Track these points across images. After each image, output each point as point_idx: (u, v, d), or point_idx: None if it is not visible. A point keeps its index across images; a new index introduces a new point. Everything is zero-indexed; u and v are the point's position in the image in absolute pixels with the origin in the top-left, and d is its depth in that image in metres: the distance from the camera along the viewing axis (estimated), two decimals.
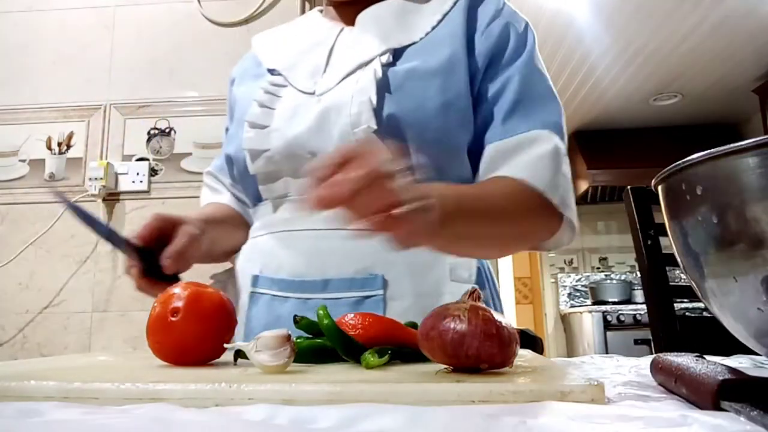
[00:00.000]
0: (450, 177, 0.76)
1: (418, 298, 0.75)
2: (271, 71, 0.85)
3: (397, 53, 0.78)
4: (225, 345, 0.52)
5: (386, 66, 0.76)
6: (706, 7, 2.81)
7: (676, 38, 3.11)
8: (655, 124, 4.34)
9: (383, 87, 0.74)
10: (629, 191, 1.22)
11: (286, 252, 0.78)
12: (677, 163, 0.43)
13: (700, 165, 0.41)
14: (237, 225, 0.90)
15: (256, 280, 0.79)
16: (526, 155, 0.73)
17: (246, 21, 1.89)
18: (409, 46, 0.79)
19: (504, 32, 0.81)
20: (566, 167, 0.76)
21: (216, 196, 0.96)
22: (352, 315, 0.56)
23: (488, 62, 0.79)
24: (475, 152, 0.78)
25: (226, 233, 0.87)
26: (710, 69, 3.48)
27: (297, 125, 0.76)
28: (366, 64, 0.77)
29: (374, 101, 0.72)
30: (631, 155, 4.20)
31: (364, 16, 0.83)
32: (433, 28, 0.80)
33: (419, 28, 0.80)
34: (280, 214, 0.80)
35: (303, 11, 1.85)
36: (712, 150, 0.40)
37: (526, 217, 0.73)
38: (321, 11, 0.93)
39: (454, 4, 0.82)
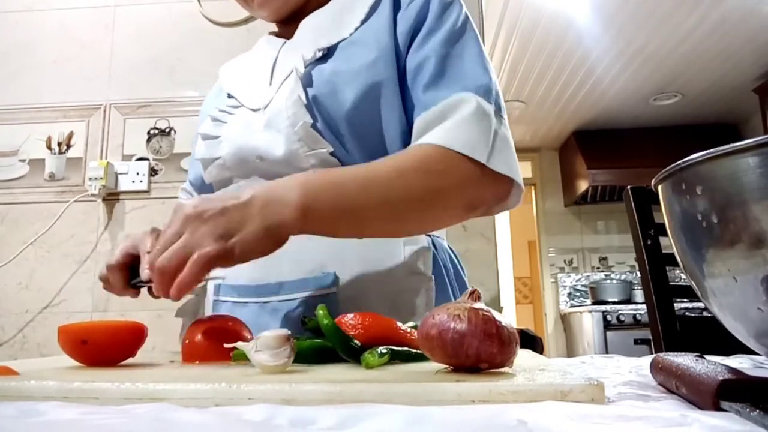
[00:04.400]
0: None
1: (373, 293, 0.75)
2: (229, 95, 0.87)
3: (330, 51, 0.79)
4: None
5: (314, 64, 0.78)
6: (706, 7, 2.81)
7: (676, 38, 3.11)
8: (655, 124, 4.35)
9: (308, 84, 0.76)
10: (629, 191, 1.22)
11: None
12: (677, 163, 0.43)
13: (700, 165, 0.41)
14: None
15: (218, 288, 0.82)
16: (448, 122, 0.71)
17: (246, 21, 1.89)
18: (339, 42, 0.80)
19: (424, 6, 0.79)
20: (496, 126, 0.72)
21: None
22: (352, 315, 0.56)
23: (410, 39, 0.78)
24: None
25: None
26: (710, 69, 3.48)
27: (246, 135, 0.78)
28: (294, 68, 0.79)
29: (303, 98, 0.74)
30: (631, 155, 4.21)
31: (303, 25, 0.85)
32: (362, 22, 0.81)
33: (350, 24, 0.81)
34: None
35: None
36: (712, 150, 0.40)
37: (445, 182, 0.69)
38: (273, 33, 0.94)
39: None
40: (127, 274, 0.68)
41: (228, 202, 0.58)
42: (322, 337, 0.53)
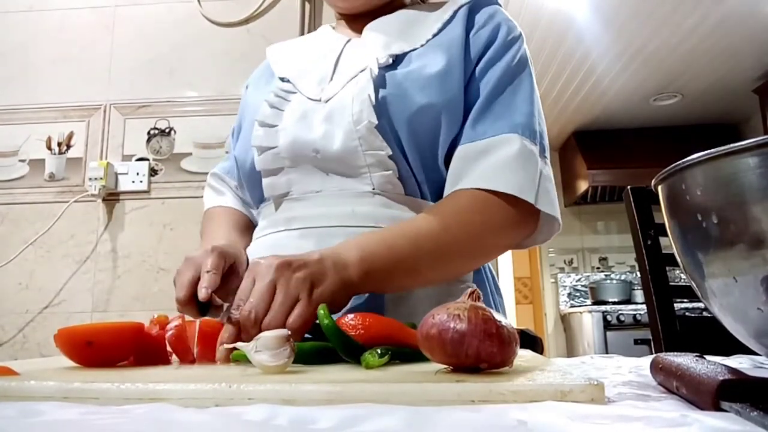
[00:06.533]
0: (440, 177, 0.79)
1: (418, 296, 0.76)
2: (282, 79, 0.87)
3: (399, 58, 0.81)
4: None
5: (385, 68, 0.79)
6: (706, 7, 2.81)
7: (676, 38, 3.11)
8: (655, 124, 4.34)
9: (380, 86, 0.77)
10: (629, 191, 1.22)
11: (290, 251, 0.78)
12: (677, 163, 0.43)
13: (700, 165, 0.41)
14: (250, 228, 0.92)
15: None
16: (491, 160, 0.74)
17: (246, 21, 1.89)
18: (410, 51, 0.82)
19: (492, 35, 0.83)
20: (539, 166, 0.76)
21: (220, 198, 0.98)
22: (353, 315, 0.56)
23: (475, 64, 0.81)
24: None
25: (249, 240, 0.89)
26: (710, 69, 3.48)
27: (304, 127, 0.79)
28: (366, 68, 0.80)
29: (373, 98, 0.75)
30: (631, 155, 4.20)
31: (371, 27, 0.87)
32: (434, 36, 0.83)
33: (421, 36, 0.83)
34: (282, 213, 0.81)
35: (303, 11, 1.85)
36: (712, 150, 0.40)
37: (487, 230, 0.74)
38: (333, 27, 0.96)
39: (455, 12, 0.85)
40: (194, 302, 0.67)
41: (306, 258, 0.62)
42: (323, 337, 0.53)
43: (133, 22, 1.93)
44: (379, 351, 0.48)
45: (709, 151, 0.40)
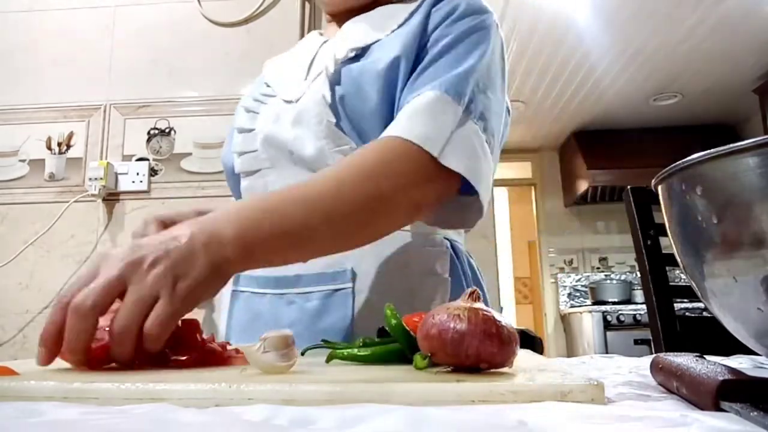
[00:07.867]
0: None
1: (389, 291, 0.75)
2: (267, 84, 0.89)
3: (363, 51, 0.81)
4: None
5: (344, 63, 0.79)
6: (706, 7, 2.81)
7: (676, 38, 3.11)
8: (655, 124, 4.34)
9: (336, 83, 0.78)
10: (629, 191, 1.22)
11: None
12: (677, 163, 0.43)
13: (700, 165, 0.41)
14: None
15: (237, 278, 0.83)
16: (404, 113, 0.68)
17: (246, 21, 1.89)
18: (373, 43, 0.81)
19: (452, 8, 0.77)
20: (458, 121, 0.67)
21: None
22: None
23: (428, 36, 0.77)
24: None
25: None
26: (710, 69, 3.48)
27: (278, 128, 0.80)
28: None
29: (328, 98, 0.76)
30: (631, 155, 4.20)
31: (346, 26, 0.87)
32: (400, 25, 0.81)
33: (387, 28, 0.82)
34: None
35: (303, 11, 1.85)
36: (712, 150, 0.40)
37: (384, 178, 0.64)
38: (321, 33, 0.96)
39: (423, 0, 0.82)
40: None
41: (169, 244, 0.51)
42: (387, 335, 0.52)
43: (133, 22, 1.93)
44: (424, 355, 0.46)
45: (709, 151, 0.40)
